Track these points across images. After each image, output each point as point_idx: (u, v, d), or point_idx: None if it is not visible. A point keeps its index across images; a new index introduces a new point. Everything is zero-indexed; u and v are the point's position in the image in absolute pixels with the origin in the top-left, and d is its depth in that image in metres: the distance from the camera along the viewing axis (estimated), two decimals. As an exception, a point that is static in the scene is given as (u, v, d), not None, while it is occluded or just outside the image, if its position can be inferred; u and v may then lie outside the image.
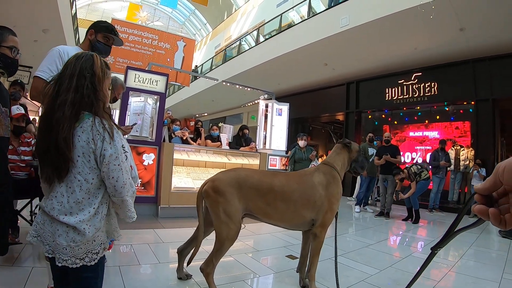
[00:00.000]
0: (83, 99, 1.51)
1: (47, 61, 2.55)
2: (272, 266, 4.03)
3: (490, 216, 0.67)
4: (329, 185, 3.04)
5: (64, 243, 1.45)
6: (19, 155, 3.82)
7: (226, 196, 2.71)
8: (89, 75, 1.55)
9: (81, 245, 1.48)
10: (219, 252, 2.74)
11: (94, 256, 1.52)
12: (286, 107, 9.95)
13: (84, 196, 1.49)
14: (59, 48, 2.62)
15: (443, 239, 0.89)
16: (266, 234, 5.56)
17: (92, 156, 1.48)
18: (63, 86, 1.51)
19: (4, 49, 2.28)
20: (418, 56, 10.44)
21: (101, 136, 1.47)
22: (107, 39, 2.91)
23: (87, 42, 2.87)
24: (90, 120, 1.48)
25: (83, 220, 1.47)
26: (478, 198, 0.71)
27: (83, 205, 1.48)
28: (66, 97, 1.48)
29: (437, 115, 11.27)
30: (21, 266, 3.13)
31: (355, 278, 3.62)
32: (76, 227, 1.45)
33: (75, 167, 1.47)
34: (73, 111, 1.47)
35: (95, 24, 2.92)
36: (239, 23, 24.39)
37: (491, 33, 8.40)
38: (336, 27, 9.93)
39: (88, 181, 1.49)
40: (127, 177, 1.54)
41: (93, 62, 1.59)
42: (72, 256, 1.47)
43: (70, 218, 1.45)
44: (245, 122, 21.01)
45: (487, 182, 0.69)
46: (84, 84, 1.52)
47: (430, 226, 7.72)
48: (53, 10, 9.40)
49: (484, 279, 3.85)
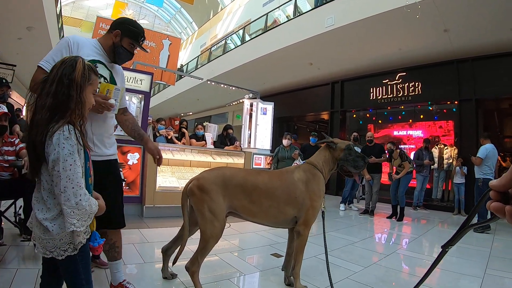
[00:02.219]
0: (59, 105, 1.57)
1: (53, 51, 2.42)
2: (258, 265, 4.02)
3: (507, 214, 0.63)
4: (309, 182, 3.03)
5: (38, 232, 1.58)
6: (2, 155, 3.72)
7: (210, 194, 2.70)
8: (68, 81, 1.59)
9: (49, 240, 1.57)
10: (204, 250, 2.72)
11: (61, 252, 1.59)
12: (271, 106, 9.95)
13: (49, 195, 1.58)
14: (69, 38, 2.43)
15: (454, 236, 0.86)
16: (251, 233, 5.55)
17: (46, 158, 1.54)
18: (44, 90, 1.58)
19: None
20: (402, 56, 10.54)
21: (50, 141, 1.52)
22: (132, 46, 2.63)
23: (110, 42, 2.56)
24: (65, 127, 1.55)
25: (47, 218, 1.56)
26: (493, 195, 0.67)
27: (49, 204, 1.57)
28: (45, 102, 1.56)
29: (421, 115, 11.41)
30: (6, 268, 3.06)
31: (340, 275, 3.63)
32: (41, 223, 1.55)
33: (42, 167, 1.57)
34: (49, 115, 1.54)
35: (123, 25, 2.59)
36: (225, 22, 24.38)
37: (475, 34, 8.55)
38: (322, 27, 9.97)
39: (48, 182, 1.57)
40: (69, 185, 1.51)
41: (74, 69, 1.62)
42: (43, 246, 1.58)
43: (39, 214, 1.56)
44: (230, 121, 20.98)
45: (503, 178, 0.66)
46: (61, 90, 1.58)
47: (415, 223, 7.80)
48: (37, 7, 9.24)
49: (468, 275, 3.91)
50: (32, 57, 13.39)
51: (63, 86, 1.58)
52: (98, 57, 2.49)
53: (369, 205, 8.37)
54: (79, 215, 1.55)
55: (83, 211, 1.56)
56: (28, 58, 13.32)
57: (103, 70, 2.49)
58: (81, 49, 2.40)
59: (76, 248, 1.62)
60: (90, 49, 2.48)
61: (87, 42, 2.51)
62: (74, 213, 1.53)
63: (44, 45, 12.11)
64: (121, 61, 2.68)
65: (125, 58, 2.68)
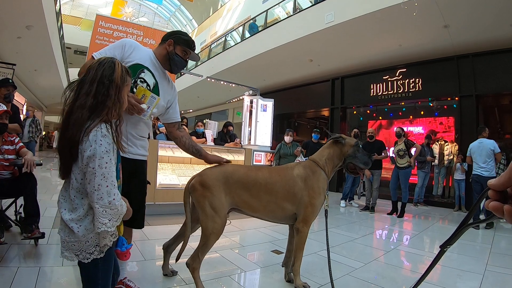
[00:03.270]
0: (99, 104, 1.58)
1: (109, 48, 2.50)
2: (258, 262, 4.03)
3: (505, 213, 0.63)
4: (308, 178, 3.04)
5: (63, 236, 1.57)
6: (3, 154, 3.71)
7: (212, 190, 2.71)
8: (108, 82, 1.62)
9: (75, 242, 1.55)
10: (205, 247, 2.73)
11: (87, 255, 1.57)
12: (271, 103, 9.94)
13: (76, 195, 1.56)
14: (127, 41, 2.57)
15: (453, 236, 0.85)
16: (252, 229, 5.55)
17: (80, 155, 1.53)
18: (84, 90, 1.60)
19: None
20: (402, 53, 10.53)
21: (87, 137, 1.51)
22: (185, 53, 2.77)
23: (164, 51, 2.71)
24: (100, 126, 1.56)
25: (73, 219, 1.54)
26: (492, 194, 0.67)
27: (76, 204, 1.56)
28: (85, 101, 1.57)
29: (421, 111, 11.39)
30: (7, 266, 3.06)
31: (340, 272, 3.64)
32: (67, 225, 1.54)
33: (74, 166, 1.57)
34: (86, 115, 1.55)
35: (175, 35, 2.76)
36: (225, 19, 24.31)
37: (475, 30, 8.53)
38: (321, 23, 9.95)
39: (77, 181, 1.56)
40: (103, 183, 1.50)
41: (114, 70, 1.66)
42: (68, 249, 1.58)
43: (65, 214, 1.55)
44: (230, 118, 20.96)
45: (501, 177, 0.65)
46: (101, 91, 1.60)
47: (415, 220, 7.80)
48: (36, 6, 9.20)
49: (469, 272, 3.91)
50: (32, 56, 13.40)
51: (104, 87, 1.61)
52: (149, 65, 2.61)
53: (369, 202, 8.37)
54: (111, 214, 1.54)
55: (115, 211, 1.55)
56: (28, 57, 13.32)
57: (148, 77, 2.60)
58: (134, 52, 2.53)
59: (103, 251, 1.61)
60: (144, 55, 2.61)
61: (143, 49, 2.66)
62: (106, 212, 1.51)
63: (44, 44, 12.10)
64: (177, 68, 2.80)
65: (180, 66, 2.78)
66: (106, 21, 12.28)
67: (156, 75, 2.65)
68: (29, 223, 3.52)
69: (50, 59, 14.16)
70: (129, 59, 2.48)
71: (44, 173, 11.31)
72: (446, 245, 0.93)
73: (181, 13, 36.52)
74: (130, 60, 2.49)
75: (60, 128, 1.63)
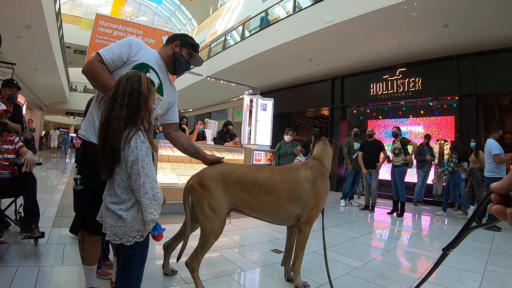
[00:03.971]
0: (132, 115, 1.85)
1: (115, 44, 2.50)
2: (258, 261, 4.03)
3: (508, 217, 0.63)
4: (316, 181, 3.05)
5: (110, 221, 1.86)
6: (2, 154, 3.71)
7: (211, 190, 2.70)
8: (137, 94, 1.88)
9: (121, 227, 1.84)
10: (204, 247, 2.73)
11: (130, 239, 1.86)
12: (270, 102, 9.93)
13: (123, 192, 1.86)
14: (134, 39, 2.58)
15: (455, 239, 0.85)
16: (252, 229, 5.57)
17: (123, 160, 1.82)
18: (117, 102, 1.84)
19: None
20: (402, 52, 10.53)
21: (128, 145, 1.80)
22: (190, 56, 2.85)
23: (171, 52, 2.77)
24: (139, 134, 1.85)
25: (122, 208, 1.84)
26: (494, 197, 0.67)
27: (123, 198, 1.86)
28: (120, 113, 1.82)
29: (421, 110, 11.37)
30: (7, 266, 3.06)
31: (340, 271, 3.64)
32: (116, 213, 1.83)
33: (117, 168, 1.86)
34: (123, 125, 1.82)
35: (183, 38, 2.85)
36: (225, 19, 24.32)
37: (475, 29, 8.53)
38: (321, 22, 9.95)
39: (123, 180, 1.86)
40: (147, 181, 1.81)
41: (141, 83, 1.91)
42: (114, 233, 1.86)
43: (113, 206, 1.85)
44: (230, 117, 20.95)
45: (504, 180, 0.65)
46: (132, 102, 1.86)
47: (415, 219, 7.81)
48: (36, 5, 9.20)
49: (468, 271, 3.91)
50: (32, 55, 13.39)
51: (134, 99, 1.86)
52: (154, 64, 2.62)
53: (369, 201, 8.38)
54: (156, 205, 1.86)
55: (158, 202, 1.88)
56: (28, 56, 13.31)
57: (153, 77, 2.59)
58: (141, 51, 2.54)
59: (143, 236, 1.90)
60: (150, 55, 2.62)
61: (149, 49, 2.66)
62: (151, 204, 1.83)
63: (43, 43, 12.09)
64: (181, 69, 2.86)
65: (184, 67, 2.86)
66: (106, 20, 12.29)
67: (160, 75, 2.66)
68: (29, 223, 3.52)
69: (49, 59, 14.16)
70: (135, 58, 2.48)
71: (43, 172, 11.31)
72: (449, 248, 0.93)
73: (181, 13, 36.54)
74: (136, 59, 2.48)
75: (99, 137, 1.88)
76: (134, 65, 2.44)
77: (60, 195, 7.18)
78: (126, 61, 2.44)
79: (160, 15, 38.01)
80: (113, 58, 2.38)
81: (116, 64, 2.41)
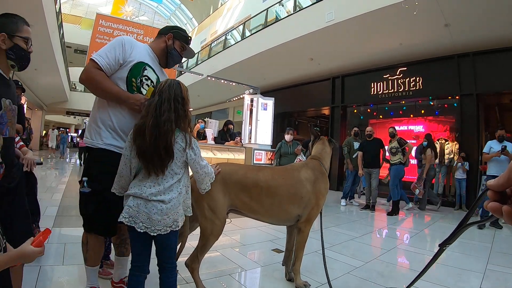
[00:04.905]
0: (179, 118, 2.12)
1: (107, 47, 2.46)
2: (259, 260, 4.04)
3: (504, 214, 0.63)
4: (316, 181, 3.07)
5: (159, 217, 2.02)
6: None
7: (210, 191, 2.69)
8: (181, 99, 2.16)
9: (169, 215, 2.05)
10: (204, 248, 2.73)
11: (176, 224, 2.11)
12: (271, 101, 9.94)
13: (174, 183, 2.11)
14: (124, 39, 2.54)
15: (452, 235, 0.86)
16: (252, 228, 5.56)
17: (180, 157, 2.13)
18: (164, 107, 2.08)
19: (19, 40, 2.10)
20: (403, 51, 10.51)
21: (188, 145, 2.13)
22: (182, 49, 2.82)
23: (163, 45, 2.74)
24: (182, 134, 2.14)
25: (172, 198, 2.08)
26: (491, 195, 0.66)
27: (172, 188, 2.10)
28: (169, 116, 2.07)
29: (422, 110, 11.36)
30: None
31: (341, 270, 3.65)
32: (165, 200, 2.04)
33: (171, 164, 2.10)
34: (174, 126, 2.08)
35: (175, 30, 2.80)
36: (225, 18, 24.33)
37: (475, 29, 8.50)
38: (322, 21, 9.94)
39: (177, 174, 2.13)
40: (204, 170, 2.29)
41: (181, 90, 2.21)
42: (164, 226, 2.05)
43: (163, 197, 2.05)
44: (231, 117, 20.94)
45: (501, 178, 0.65)
46: (178, 107, 2.13)
47: (416, 218, 7.80)
48: (36, 5, 9.20)
49: (469, 270, 3.92)
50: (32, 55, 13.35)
51: (179, 103, 2.14)
52: (148, 60, 2.60)
53: (369, 201, 8.38)
54: (211, 180, 2.46)
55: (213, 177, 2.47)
56: (28, 56, 13.30)
57: (151, 74, 2.59)
58: (134, 49, 2.52)
59: (178, 226, 2.13)
60: (142, 51, 2.61)
61: (140, 45, 2.64)
62: (210, 180, 2.44)
63: (44, 43, 12.10)
64: (173, 63, 2.85)
65: (176, 60, 2.86)
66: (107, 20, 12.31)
67: (156, 70, 2.65)
68: (30, 222, 3.52)
69: (50, 59, 14.18)
70: (131, 58, 2.45)
71: (44, 172, 11.31)
72: (445, 244, 0.94)
73: (181, 12, 36.54)
74: (132, 59, 2.46)
75: (149, 139, 2.02)
76: (131, 65, 2.43)
77: (60, 194, 7.18)
78: (123, 63, 2.42)
79: (160, 14, 38.02)
80: (109, 62, 2.36)
81: (113, 68, 2.39)
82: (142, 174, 2.11)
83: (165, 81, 2.20)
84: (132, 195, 2.05)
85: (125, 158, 2.15)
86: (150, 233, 2.02)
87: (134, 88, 2.46)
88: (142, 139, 2.03)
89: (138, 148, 2.05)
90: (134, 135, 2.09)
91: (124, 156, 2.15)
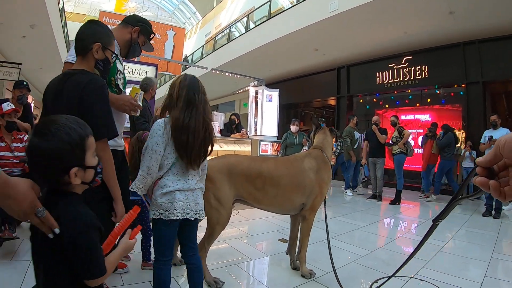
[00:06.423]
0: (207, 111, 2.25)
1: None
2: (266, 250, 4.10)
3: (491, 188, 0.68)
4: (320, 170, 3.12)
5: (202, 201, 2.24)
6: (13, 152, 3.78)
7: (216, 182, 2.74)
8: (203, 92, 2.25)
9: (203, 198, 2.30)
10: (211, 237, 2.79)
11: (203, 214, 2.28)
12: (276, 93, 9.95)
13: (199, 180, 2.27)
14: None
15: (444, 210, 0.90)
16: (259, 219, 5.62)
17: None
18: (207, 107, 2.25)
19: (109, 53, 2.06)
20: (408, 40, 10.42)
21: None
22: (143, 44, 2.75)
23: (128, 36, 2.61)
24: None
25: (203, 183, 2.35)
26: (479, 171, 0.72)
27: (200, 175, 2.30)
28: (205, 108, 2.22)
29: (428, 98, 11.29)
30: (19, 260, 3.17)
31: (346, 259, 3.70)
32: (203, 187, 2.31)
33: None
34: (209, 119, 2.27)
35: (143, 25, 2.70)
36: (229, 11, 24.25)
37: (480, 16, 8.40)
38: (326, 11, 9.87)
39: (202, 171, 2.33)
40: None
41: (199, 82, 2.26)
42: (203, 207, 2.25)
43: (201, 184, 2.28)
44: (237, 109, 20.94)
45: (488, 155, 0.70)
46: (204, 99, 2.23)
47: (422, 207, 7.81)
48: (40, 5, 9.23)
49: (474, 259, 3.94)
50: (37, 54, 13.45)
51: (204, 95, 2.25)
52: (117, 50, 2.45)
53: (375, 190, 8.38)
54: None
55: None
56: (33, 55, 13.38)
57: (120, 65, 2.52)
58: None
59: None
60: None
61: None
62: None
63: (48, 42, 12.13)
64: (132, 56, 2.82)
65: (136, 54, 2.85)
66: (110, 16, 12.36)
67: (121, 60, 2.60)
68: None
69: (55, 57, 14.22)
70: None
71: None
72: (438, 219, 0.98)
73: (184, 6, 36.42)
74: None
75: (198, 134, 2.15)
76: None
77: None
78: None
79: (164, 9, 37.89)
80: None
81: None
82: (177, 169, 2.12)
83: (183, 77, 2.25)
84: (178, 190, 2.08)
85: (156, 155, 2.06)
86: (198, 218, 2.18)
87: (113, 85, 2.42)
88: (191, 135, 2.09)
89: (184, 144, 2.07)
90: (177, 132, 2.06)
91: (155, 153, 2.06)
